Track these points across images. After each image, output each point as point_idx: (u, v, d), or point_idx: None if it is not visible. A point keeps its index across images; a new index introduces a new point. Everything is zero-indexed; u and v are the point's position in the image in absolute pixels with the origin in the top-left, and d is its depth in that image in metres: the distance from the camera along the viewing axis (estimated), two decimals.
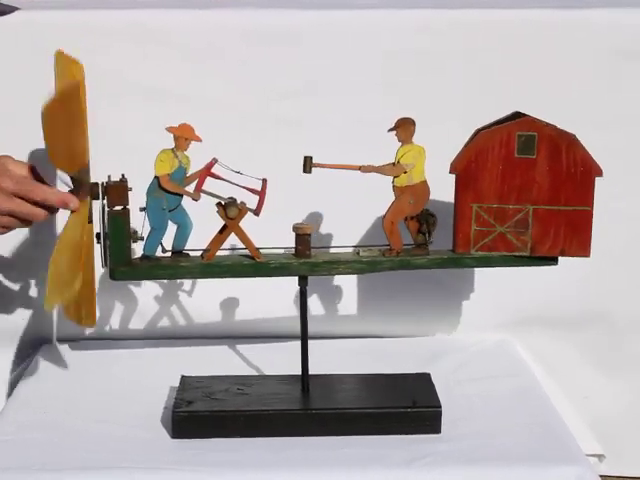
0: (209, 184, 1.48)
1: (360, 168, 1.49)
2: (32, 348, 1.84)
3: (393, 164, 1.50)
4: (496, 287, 1.79)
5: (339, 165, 1.49)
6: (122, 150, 1.60)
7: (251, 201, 1.49)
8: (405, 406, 1.53)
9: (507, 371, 1.76)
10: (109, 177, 1.47)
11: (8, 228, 1.45)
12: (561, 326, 1.88)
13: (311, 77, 1.75)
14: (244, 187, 1.49)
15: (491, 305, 1.87)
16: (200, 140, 1.47)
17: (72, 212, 1.43)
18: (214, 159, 1.48)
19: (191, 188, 1.49)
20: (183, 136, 1.47)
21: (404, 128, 1.48)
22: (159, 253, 1.50)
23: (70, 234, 1.42)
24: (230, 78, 1.74)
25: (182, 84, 1.73)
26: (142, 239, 1.49)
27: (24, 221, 1.43)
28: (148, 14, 1.73)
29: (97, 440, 1.51)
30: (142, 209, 1.48)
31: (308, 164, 1.49)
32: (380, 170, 1.50)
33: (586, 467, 1.46)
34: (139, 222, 1.49)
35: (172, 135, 1.47)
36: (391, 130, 1.48)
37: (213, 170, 1.48)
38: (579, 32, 1.76)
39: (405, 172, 1.49)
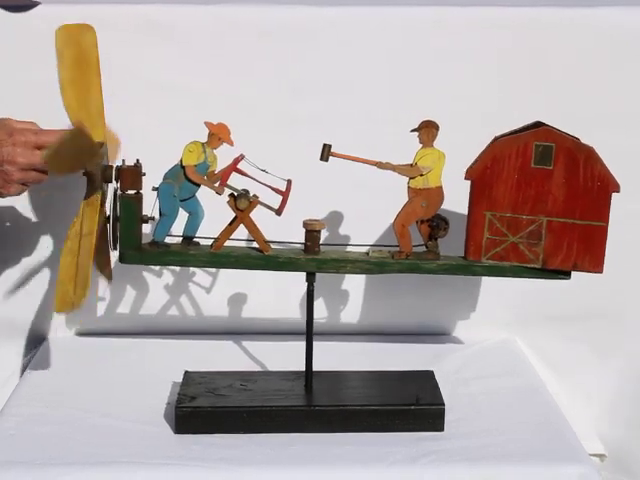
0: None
1: (377, 164, 1.48)
2: (36, 342, 1.85)
3: (411, 165, 1.49)
4: (500, 285, 1.77)
5: (356, 158, 1.48)
6: (131, 144, 1.60)
7: (273, 200, 1.50)
8: (408, 403, 1.53)
9: (510, 369, 1.76)
10: (123, 161, 1.47)
11: (28, 185, 1.45)
12: (565, 324, 1.87)
13: (324, 74, 1.74)
14: (268, 186, 1.49)
15: (495, 303, 1.86)
16: (232, 144, 1.47)
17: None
18: (241, 155, 1.48)
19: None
20: (218, 135, 1.48)
21: (427, 131, 1.48)
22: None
23: (81, 235, 1.43)
24: (241, 74, 1.74)
25: (193, 79, 1.73)
26: (152, 219, 1.49)
27: (42, 174, 1.44)
28: (161, 10, 1.73)
29: (100, 435, 1.51)
30: (154, 188, 1.49)
31: (326, 152, 1.48)
32: (397, 169, 1.49)
33: (589, 466, 1.46)
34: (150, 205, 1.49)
35: (208, 131, 1.47)
36: (414, 131, 1.48)
37: (239, 166, 1.48)
38: (583, 31, 1.75)
39: (422, 175, 1.48)
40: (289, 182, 1.51)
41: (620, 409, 1.90)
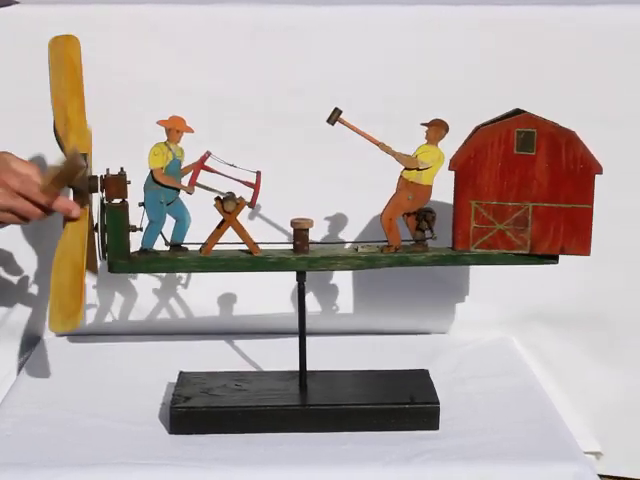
0: (205, 177, 1.48)
1: (380, 144, 1.48)
2: (29, 343, 1.85)
3: (410, 156, 1.49)
4: (495, 284, 1.78)
5: (362, 132, 1.47)
6: (121, 145, 1.60)
7: (246, 193, 1.49)
8: (403, 402, 1.53)
9: (506, 368, 1.76)
10: (107, 170, 1.47)
11: (3, 224, 1.45)
12: (560, 323, 1.88)
13: (315, 73, 1.75)
14: (238, 180, 1.48)
15: (490, 302, 1.87)
16: (192, 131, 1.47)
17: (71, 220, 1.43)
18: (207, 152, 1.48)
19: (185, 181, 1.49)
20: (175, 128, 1.47)
21: (435, 129, 1.48)
22: (161, 245, 1.50)
23: (70, 249, 1.42)
24: (236, 74, 1.74)
25: (184, 79, 1.73)
26: (141, 229, 1.49)
27: (23, 219, 1.44)
28: (149, 9, 1.73)
29: (95, 436, 1.51)
30: (141, 204, 1.48)
31: (334, 116, 1.48)
32: (396, 155, 1.48)
33: (584, 465, 1.46)
34: (138, 215, 1.48)
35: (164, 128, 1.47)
36: (423, 125, 1.48)
37: (207, 163, 1.48)
38: (579, 29, 1.76)
39: (419, 169, 1.49)
40: (258, 174, 1.50)
41: (615, 407, 1.91)
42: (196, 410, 1.51)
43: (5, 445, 1.48)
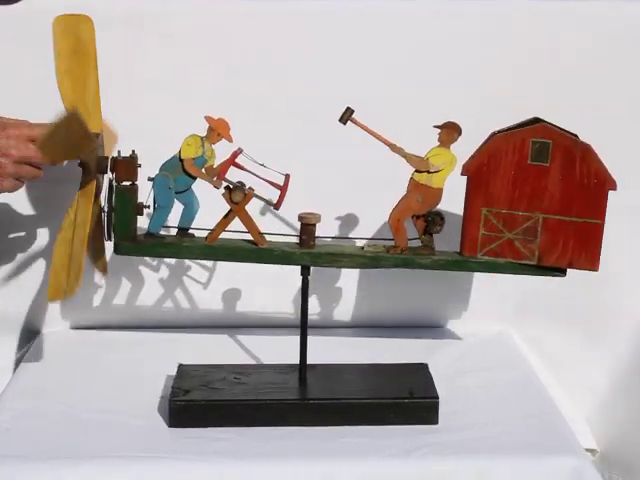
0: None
1: (391, 145, 1.47)
2: (30, 335, 1.84)
3: (422, 158, 1.48)
4: (495, 278, 1.76)
5: (373, 132, 1.46)
6: (127, 136, 1.59)
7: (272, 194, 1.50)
8: (402, 396, 1.53)
9: (505, 363, 1.75)
10: (119, 152, 1.47)
11: (22, 181, 1.45)
12: (560, 318, 1.87)
13: (320, 67, 1.73)
14: (266, 180, 1.48)
15: (490, 296, 1.86)
16: (231, 140, 1.47)
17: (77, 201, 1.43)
18: (239, 149, 1.48)
19: None
20: (217, 130, 1.47)
21: (448, 132, 1.47)
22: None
23: (77, 224, 1.42)
24: (236, 67, 1.73)
25: (184, 73, 1.72)
26: (148, 207, 1.49)
27: (37, 169, 1.44)
28: (149, 2, 1.72)
29: (94, 429, 1.50)
30: (150, 179, 1.48)
31: (346, 115, 1.47)
32: (407, 157, 1.47)
33: (583, 459, 1.46)
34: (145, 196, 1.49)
35: (208, 125, 1.47)
36: (436, 127, 1.47)
37: (237, 160, 1.48)
38: (581, 25, 1.75)
39: (429, 172, 1.48)
40: (287, 177, 1.50)
41: (614, 404, 1.90)
42: (195, 403, 1.50)
43: (4, 438, 1.48)
